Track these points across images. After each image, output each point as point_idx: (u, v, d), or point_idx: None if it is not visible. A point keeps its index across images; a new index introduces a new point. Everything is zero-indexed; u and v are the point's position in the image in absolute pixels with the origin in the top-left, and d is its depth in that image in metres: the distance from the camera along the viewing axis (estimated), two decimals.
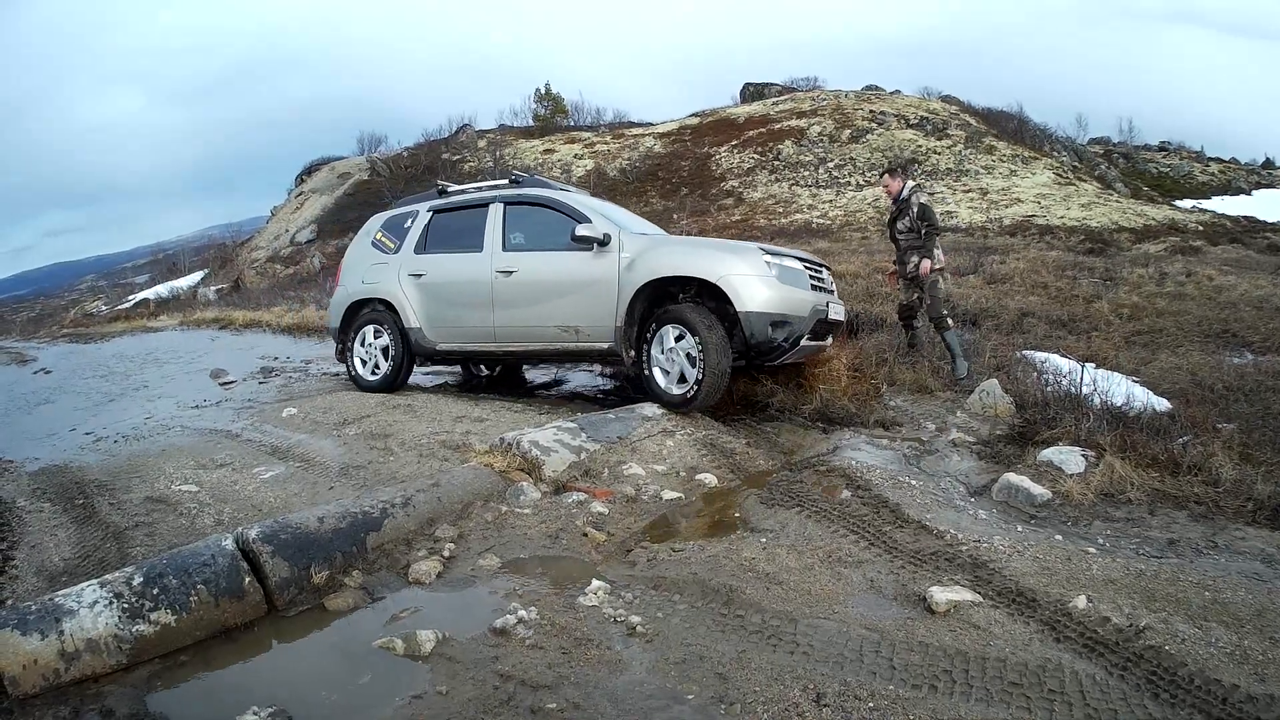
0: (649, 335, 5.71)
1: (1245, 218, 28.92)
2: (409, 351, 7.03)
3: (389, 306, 7.07)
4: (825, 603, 3.24)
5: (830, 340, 6.33)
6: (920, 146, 34.41)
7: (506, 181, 7.03)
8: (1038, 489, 4.46)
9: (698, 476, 4.79)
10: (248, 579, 3.07)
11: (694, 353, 5.40)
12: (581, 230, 5.91)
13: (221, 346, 11.34)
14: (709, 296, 5.60)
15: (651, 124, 44.85)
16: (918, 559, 3.64)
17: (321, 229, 36.12)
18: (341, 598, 3.19)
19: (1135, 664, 2.83)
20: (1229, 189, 40.07)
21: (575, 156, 38.21)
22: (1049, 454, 4.90)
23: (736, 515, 4.24)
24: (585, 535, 3.91)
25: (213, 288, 30.26)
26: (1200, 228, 23.86)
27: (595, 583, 3.31)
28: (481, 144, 41.41)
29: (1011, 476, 4.62)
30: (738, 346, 5.59)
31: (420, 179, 37.89)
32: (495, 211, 6.71)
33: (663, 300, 5.83)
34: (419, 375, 8.27)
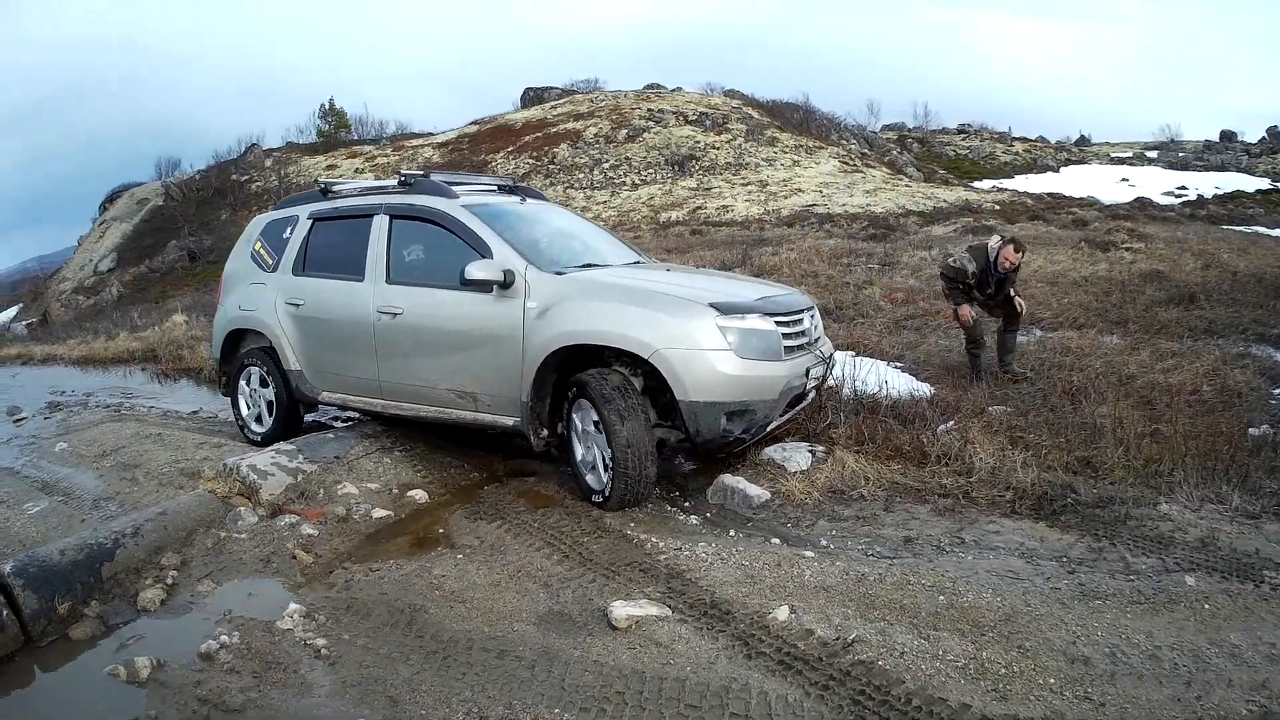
0: (570, 398, 4.64)
1: (1049, 194, 31.38)
2: (293, 399, 5.90)
3: (267, 341, 5.96)
4: (506, 620, 3.40)
5: (810, 399, 5.11)
6: (699, 142, 36.33)
7: (395, 183, 5.69)
8: (755, 490, 4.53)
9: (410, 493, 4.95)
10: (5, 612, 3.38)
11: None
12: (474, 271, 4.62)
13: (22, 382, 11.76)
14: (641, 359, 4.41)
15: (432, 134, 46.24)
16: (610, 571, 3.74)
17: (122, 257, 37.69)
18: (82, 627, 3.51)
19: (840, 683, 2.77)
20: (1035, 167, 43.35)
21: (356, 170, 39.13)
22: (771, 451, 4.96)
23: (441, 531, 4.43)
24: (295, 558, 4.11)
25: (23, 323, 32.53)
26: (997, 207, 25.50)
27: (292, 605, 3.55)
28: (268, 163, 42.71)
29: (727, 478, 4.68)
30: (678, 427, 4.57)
31: (211, 202, 39.97)
32: (379, 226, 5.40)
33: (588, 358, 4.65)
34: None
